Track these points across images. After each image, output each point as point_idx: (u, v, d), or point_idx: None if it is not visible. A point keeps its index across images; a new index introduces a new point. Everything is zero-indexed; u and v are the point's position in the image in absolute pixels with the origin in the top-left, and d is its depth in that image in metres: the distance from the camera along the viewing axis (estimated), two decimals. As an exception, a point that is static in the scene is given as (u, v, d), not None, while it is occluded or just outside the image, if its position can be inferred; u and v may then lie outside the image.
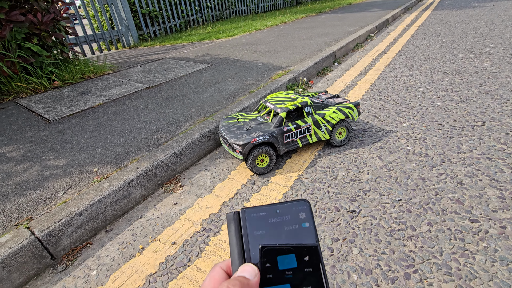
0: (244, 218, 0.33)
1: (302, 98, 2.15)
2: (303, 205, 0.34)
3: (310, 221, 0.33)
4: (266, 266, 0.30)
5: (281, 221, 0.33)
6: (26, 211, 1.69)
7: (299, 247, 0.31)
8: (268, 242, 0.32)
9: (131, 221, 1.78)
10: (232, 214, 0.34)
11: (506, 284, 1.13)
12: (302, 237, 0.32)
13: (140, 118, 2.76)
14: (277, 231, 0.32)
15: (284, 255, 0.30)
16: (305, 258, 0.30)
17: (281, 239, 0.32)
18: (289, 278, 0.30)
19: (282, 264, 0.30)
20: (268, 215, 0.33)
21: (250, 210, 0.34)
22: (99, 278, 1.42)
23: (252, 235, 0.32)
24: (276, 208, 0.34)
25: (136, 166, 1.99)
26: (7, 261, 1.38)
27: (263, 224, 0.33)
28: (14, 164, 2.15)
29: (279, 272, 0.30)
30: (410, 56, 4.31)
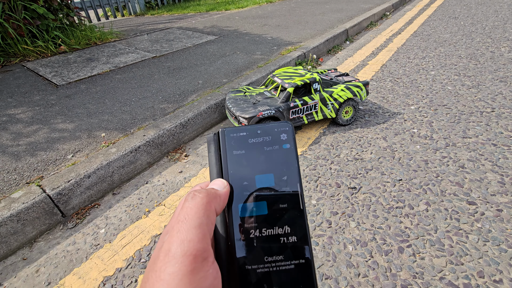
0: (223, 138, 0.32)
1: (311, 74, 2.12)
2: (285, 126, 0.32)
3: (292, 142, 0.32)
4: (243, 184, 0.30)
5: (262, 141, 0.32)
6: (37, 170, 1.75)
7: (279, 169, 0.30)
8: (247, 162, 0.31)
9: (138, 186, 1.84)
10: (212, 135, 0.33)
11: (495, 262, 1.18)
12: (282, 158, 0.31)
13: (146, 87, 2.75)
14: (257, 151, 0.31)
15: (262, 174, 0.30)
16: (283, 178, 0.30)
17: (261, 159, 0.31)
18: (266, 195, 0.30)
19: (260, 183, 0.30)
20: (249, 135, 0.32)
21: (230, 130, 0.33)
22: (107, 236, 1.50)
23: (231, 155, 0.31)
24: (258, 128, 0.32)
25: (142, 133, 2.02)
26: (20, 215, 1.46)
27: (243, 144, 0.32)
28: (24, 126, 2.20)
29: (257, 190, 0.30)
30: (425, 37, 4.16)
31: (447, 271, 1.17)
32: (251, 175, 0.30)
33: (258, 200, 0.30)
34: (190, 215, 0.24)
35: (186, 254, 0.22)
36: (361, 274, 1.20)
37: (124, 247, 1.43)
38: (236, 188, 0.30)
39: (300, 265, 0.28)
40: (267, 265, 0.28)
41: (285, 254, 0.28)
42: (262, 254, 0.28)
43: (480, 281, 1.12)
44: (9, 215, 1.42)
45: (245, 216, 0.29)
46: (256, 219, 0.29)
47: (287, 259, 0.28)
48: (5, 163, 1.81)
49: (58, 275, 1.33)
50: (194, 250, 0.22)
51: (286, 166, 0.31)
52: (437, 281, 1.14)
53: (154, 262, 0.23)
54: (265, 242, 0.28)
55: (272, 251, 0.28)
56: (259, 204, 0.29)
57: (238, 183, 0.30)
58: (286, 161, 0.31)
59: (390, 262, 1.23)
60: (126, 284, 1.25)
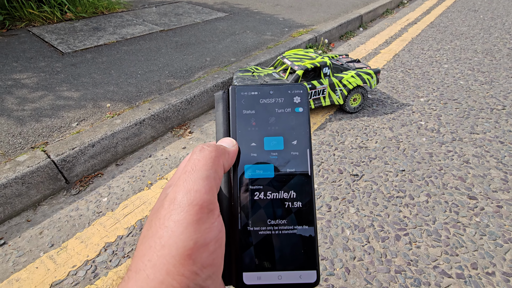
0: (233, 95, 0.31)
1: (322, 58, 2.08)
2: (299, 89, 0.31)
3: (305, 106, 0.30)
4: (251, 145, 0.29)
5: (274, 102, 0.30)
6: (41, 136, 1.75)
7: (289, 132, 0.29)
8: (257, 123, 0.30)
9: (141, 159, 1.85)
10: (221, 93, 0.31)
11: (489, 255, 1.20)
12: (293, 121, 0.30)
13: (153, 61, 2.70)
14: (268, 112, 0.30)
15: (271, 137, 0.29)
16: (293, 142, 0.29)
17: (271, 121, 0.30)
18: (274, 159, 0.29)
19: (269, 145, 0.29)
20: (260, 95, 0.30)
21: (241, 87, 0.31)
22: (110, 205, 1.53)
23: (240, 114, 0.30)
24: (270, 88, 0.31)
25: (148, 107, 2.01)
26: (25, 178, 1.48)
27: (253, 104, 0.30)
28: (29, 91, 2.18)
29: (264, 152, 0.29)
30: (441, 29, 4.03)
31: (442, 260, 1.19)
32: (260, 136, 0.29)
33: (265, 163, 0.29)
34: (198, 166, 0.23)
35: (192, 204, 0.21)
36: (357, 257, 1.22)
37: (126, 216, 1.45)
38: (243, 148, 0.29)
39: (303, 231, 0.28)
40: (269, 228, 0.28)
41: (288, 218, 0.28)
42: (265, 216, 0.28)
43: (473, 272, 1.14)
44: (14, 177, 1.44)
45: (250, 178, 0.28)
46: (261, 181, 0.28)
47: (291, 223, 0.28)
48: (10, 126, 1.81)
49: (61, 238, 1.36)
50: (201, 201, 0.22)
51: (297, 130, 0.30)
52: (431, 269, 1.16)
53: (157, 210, 0.23)
54: (269, 205, 0.28)
55: (275, 215, 0.28)
56: (266, 167, 0.29)
57: (245, 144, 0.29)
58: (297, 125, 0.30)
59: (386, 248, 1.25)
60: (127, 251, 1.28)
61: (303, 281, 0.27)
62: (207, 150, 0.25)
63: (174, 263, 0.20)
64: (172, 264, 0.20)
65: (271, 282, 0.27)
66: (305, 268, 0.27)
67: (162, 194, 0.24)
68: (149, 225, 0.23)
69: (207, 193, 0.22)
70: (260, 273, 0.27)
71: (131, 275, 0.21)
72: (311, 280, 0.27)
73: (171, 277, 0.19)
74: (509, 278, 1.11)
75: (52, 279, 1.19)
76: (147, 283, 0.19)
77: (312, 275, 0.27)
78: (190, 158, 0.25)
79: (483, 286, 1.09)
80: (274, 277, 0.27)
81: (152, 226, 0.22)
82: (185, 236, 0.20)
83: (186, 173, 0.23)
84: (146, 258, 0.20)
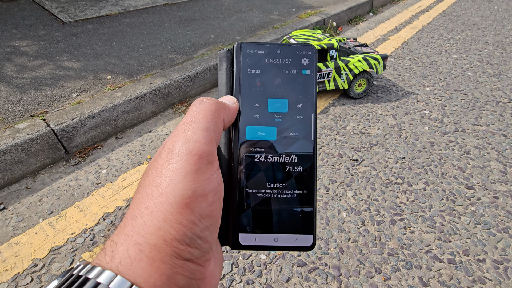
0: (239, 53, 0.29)
1: (329, 40, 2.02)
2: (308, 50, 0.29)
3: (312, 69, 0.29)
4: (254, 106, 0.28)
5: (280, 63, 0.29)
6: (41, 105, 1.73)
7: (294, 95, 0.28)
8: (262, 83, 0.28)
9: (141, 133, 1.84)
10: (226, 51, 0.30)
11: (482, 243, 1.22)
12: (299, 84, 0.29)
13: (156, 35, 2.64)
14: (274, 73, 0.29)
15: (276, 98, 0.28)
16: (298, 106, 0.28)
17: (277, 82, 0.29)
18: (277, 121, 0.28)
19: (273, 107, 0.28)
20: (267, 54, 0.29)
21: (247, 45, 0.29)
22: (109, 177, 1.53)
23: (245, 73, 0.29)
24: (278, 48, 0.29)
25: (149, 81, 1.98)
26: (24, 146, 1.47)
27: (259, 63, 0.29)
28: (28, 59, 2.14)
29: (268, 114, 0.28)
30: (453, 18, 3.91)
31: (434, 246, 1.21)
32: (264, 97, 0.28)
33: (268, 125, 0.28)
34: (197, 118, 0.23)
35: (191, 153, 0.21)
36: (351, 239, 1.24)
37: (124, 188, 1.46)
38: (246, 109, 0.28)
39: (303, 196, 0.27)
40: (268, 191, 0.27)
41: (288, 182, 0.27)
42: (265, 179, 0.27)
43: (464, 258, 1.17)
44: (13, 144, 1.43)
45: (252, 139, 0.27)
46: (263, 143, 0.27)
47: (290, 188, 0.27)
48: (10, 93, 1.79)
49: (60, 206, 1.37)
50: (200, 151, 0.21)
51: (303, 93, 0.28)
52: (423, 254, 1.18)
53: (155, 160, 0.22)
54: (269, 168, 0.27)
55: (275, 178, 0.27)
56: (268, 129, 0.28)
57: (249, 104, 0.28)
58: (303, 87, 0.28)
59: (380, 232, 1.27)
60: (125, 222, 1.30)
61: (299, 244, 0.27)
62: (207, 103, 0.24)
63: (172, 211, 0.19)
64: (170, 212, 0.19)
65: (267, 244, 0.27)
66: (301, 232, 0.27)
67: (160, 147, 0.23)
68: (146, 175, 0.22)
69: (207, 144, 0.21)
70: (256, 234, 0.27)
71: (127, 222, 0.20)
72: (307, 244, 0.27)
73: (168, 224, 0.19)
74: (499, 266, 1.13)
75: (51, 244, 1.21)
76: (143, 229, 0.19)
77: (308, 239, 0.27)
78: (189, 110, 0.24)
79: (473, 271, 1.12)
80: (270, 239, 0.27)
81: (149, 175, 0.21)
82: (183, 185, 0.20)
83: (185, 124, 0.22)
84: (143, 206, 0.20)
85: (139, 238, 0.19)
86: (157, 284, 0.18)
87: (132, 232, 0.19)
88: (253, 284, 1.08)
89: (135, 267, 0.18)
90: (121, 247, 0.19)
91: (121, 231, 0.20)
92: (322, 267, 1.14)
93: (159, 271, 0.18)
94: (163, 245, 0.19)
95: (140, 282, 0.18)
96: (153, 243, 0.19)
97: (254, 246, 0.27)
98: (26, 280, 1.09)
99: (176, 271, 0.19)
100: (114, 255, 0.19)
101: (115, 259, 0.18)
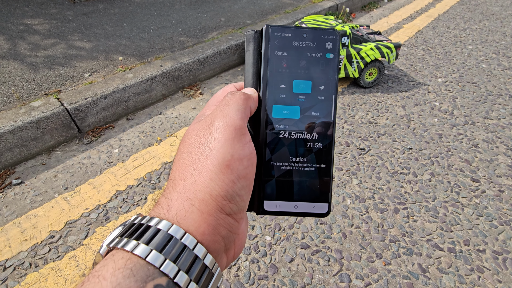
0: (267, 35, 0.31)
1: (342, 26, 1.99)
2: (332, 34, 0.31)
3: (336, 52, 0.31)
4: (281, 86, 0.30)
5: (306, 46, 0.31)
6: (55, 83, 1.76)
7: (317, 77, 0.30)
8: (288, 65, 0.30)
9: (151, 115, 1.87)
10: (253, 32, 0.32)
11: (483, 234, 1.24)
12: (323, 66, 0.31)
13: (166, 17, 2.62)
14: (299, 55, 0.31)
15: (300, 80, 0.30)
16: (320, 87, 0.30)
17: (302, 64, 0.31)
18: (301, 101, 0.30)
19: (297, 88, 0.30)
20: (294, 38, 0.31)
21: (275, 27, 0.31)
22: (120, 156, 1.58)
23: (272, 54, 0.30)
24: (304, 32, 0.31)
25: (160, 64, 1.98)
26: (40, 123, 1.52)
27: (286, 46, 0.30)
28: (41, 38, 2.16)
29: (293, 94, 0.30)
30: (471, 7, 3.77)
31: (436, 235, 1.24)
32: (290, 79, 0.30)
33: (292, 105, 0.30)
34: (231, 102, 0.26)
35: (228, 125, 0.25)
36: (354, 225, 1.28)
37: (136, 168, 1.51)
38: (273, 89, 0.30)
39: (321, 169, 0.30)
40: (290, 164, 0.30)
41: (309, 157, 0.30)
42: (288, 154, 0.30)
43: (464, 247, 1.19)
44: (29, 121, 1.48)
45: (277, 117, 0.30)
46: (287, 121, 0.30)
47: (310, 162, 0.30)
48: (24, 72, 1.82)
49: (74, 183, 1.43)
50: (235, 124, 0.25)
51: (326, 75, 0.31)
52: (424, 242, 1.21)
53: (195, 133, 0.26)
54: (292, 143, 0.30)
55: (297, 153, 0.30)
56: (293, 108, 0.30)
57: (275, 85, 0.30)
58: (326, 70, 0.31)
59: (383, 219, 1.30)
60: (136, 200, 1.35)
61: (315, 211, 0.30)
62: (238, 93, 0.28)
63: (216, 171, 0.23)
64: (215, 172, 0.23)
65: (288, 210, 0.30)
66: (318, 201, 0.30)
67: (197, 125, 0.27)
68: (187, 144, 0.25)
69: (240, 120, 0.25)
70: (279, 202, 0.30)
71: (177, 182, 0.24)
72: (323, 211, 0.30)
73: (214, 182, 0.23)
74: (498, 256, 1.16)
75: (67, 218, 1.27)
76: (193, 186, 0.23)
77: (324, 207, 0.30)
78: (223, 98, 0.28)
79: (472, 260, 1.15)
80: (291, 206, 0.30)
81: (191, 143, 0.25)
82: (224, 150, 0.23)
83: (221, 105, 0.26)
84: (191, 168, 0.24)
85: (190, 194, 0.22)
86: (205, 232, 0.22)
87: (184, 189, 0.23)
88: (258, 263, 1.13)
89: (188, 218, 0.22)
90: (175, 202, 0.23)
91: (172, 190, 0.24)
92: (325, 250, 1.18)
93: (206, 222, 0.22)
94: (209, 200, 0.22)
95: (192, 230, 0.22)
96: (201, 198, 0.22)
97: (276, 211, 0.30)
98: (44, 250, 1.16)
99: (219, 223, 0.23)
100: (170, 208, 0.22)
101: (171, 211, 0.22)
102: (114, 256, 0.20)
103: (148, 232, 0.21)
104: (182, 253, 0.20)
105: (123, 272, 0.18)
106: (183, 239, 0.21)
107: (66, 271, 1.09)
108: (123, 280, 0.18)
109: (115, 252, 0.20)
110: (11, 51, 1.97)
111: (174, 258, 0.20)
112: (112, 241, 0.21)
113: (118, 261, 0.19)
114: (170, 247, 0.20)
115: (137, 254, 0.19)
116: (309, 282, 1.08)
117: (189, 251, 0.21)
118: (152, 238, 0.20)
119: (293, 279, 1.08)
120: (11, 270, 1.09)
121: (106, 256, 0.20)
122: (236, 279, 1.08)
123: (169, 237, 0.20)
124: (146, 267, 0.19)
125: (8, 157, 1.47)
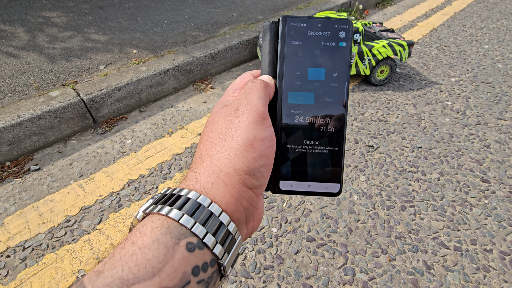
0: (284, 24, 0.32)
1: (355, 23, 1.98)
2: (345, 24, 0.33)
3: (348, 41, 0.32)
4: (296, 74, 0.32)
5: (320, 35, 0.32)
6: (71, 75, 1.82)
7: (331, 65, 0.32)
8: (303, 53, 0.32)
9: (163, 108, 1.91)
10: (270, 23, 0.33)
11: (491, 234, 1.24)
12: (336, 55, 0.32)
13: (179, 11, 2.65)
14: (314, 44, 0.32)
15: (315, 68, 0.32)
16: (333, 74, 0.32)
17: (316, 52, 0.32)
18: (315, 88, 0.32)
19: (312, 75, 0.32)
20: (309, 27, 0.32)
21: (292, 18, 0.33)
22: (133, 147, 1.63)
23: (289, 43, 0.32)
24: (318, 22, 0.33)
25: (172, 57, 2.02)
26: (57, 113, 1.58)
27: (301, 35, 0.32)
28: (58, 30, 2.22)
29: (307, 82, 0.32)
30: (489, 6, 3.68)
31: (442, 233, 1.24)
32: (305, 67, 0.32)
33: (307, 91, 0.32)
34: (253, 90, 0.29)
35: (251, 110, 0.27)
36: (360, 220, 1.29)
37: (148, 158, 1.55)
38: (289, 76, 0.32)
39: (333, 152, 0.32)
40: (305, 147, 0.32)
41: (322, 140, 0.32)
42: (302, 137, 0.32)
43: (471, 247, 1.19)
44: (47, 110, 1.54)
45: (293, 103, 0.32)
46: (302, 107, 0.32)
47: (323, 145, 0.32)
48: (43, 63, 1.88)
49: (89, 170, 1.48)
50: (258, 110, 0.28)
51: (339, 63, 0.32)
52: (430, 240, 1.22)
53: (222, 116, 0.28)
54: (306, 128, 0.32)
55: (311, 136, 0.32)
56: (307, 95, 0.32)
57: (291, 72, 0.32)
58: (339, 58, 0.32)
59: (390, 216, 1.30)
60: (148, 188, 1.40)
61: (328, 191, 0.33)
62: (258, 81, 0.30)
63: (241, 149, 0.26)
64: (239, 150, 0.26)
65: (302, 189, 0.32)
66: (331, 181, 0.32)
67: (223, 109, 0.29)
68: (214, 125, 0.29)
69: (262, 106, 0.28)
70: (293, 182, 0.32)
71: (204, 158, 0.27)
72: (334, 191, 0.33)
73: (238, 158, 0.26)
74: (505, 257, 1.16)
75: (82, 204, 1.32)
76: (219, 161, 0.26)
77: (336, 187, 0.32)
78: (245, 86, 0.30)
79: (478, 260, 1.15)
80: (304, 186, 0.32)
81: (218, 125, 0.28)
82: (248, 131, 0.26)
83: (245, 93, 0.29)
84: (218, 146, 0.27)
85: (216, 169, 0.25)
86: (229, 202, 0.25)
87: (211, 164, 0.26)
88: (264, 253, 1.16)
89: (214, 189, 0.25)
90: (203, 176, 0.26)
91: (200, 165, 0.27)
92: (330, 244, 1.20)
93: (230, 193, 0.25)
94: (233, 174, 0.25)
95: (217, 200, 0.24)
96: (226, 172, 0.25)
97: (291, 191, 0.32)
98: (60, 233, 1.21)
99: (241, 195, 0.25)
100: (198, 180, 0.25)
101: (199, 183, 0.25)
102: (152, 218, 0.22)
103: (179, 201, 0.23)
104: (209, 218, 0.23)
105: (161, 230, 0.21)
106: (210, 207, 0.24)
107: (81, 253, 1.14)
108: (160, 236, 0.21)
109: (151, 215, 0.23)
110: (30, 43, 2.04)
111: (203, 222, 0.23)
112: (147, 208, 0.24)
113: (155, 221, 0.22)
114: (199, 213, 0.23)
115: (171, 217, 0.22)
116: (313, 274, 1.10)
117: (215, 218, 0.23)
118: (183, 205, 0.23)
119: (298, 270, 1.11)
120: (29, 251, 1.15)
121: (145, 219, 0.23)
122: (242, 268, 1.11)
123: (197, 204, 0.23)
124: (179, 227, 0.22)
125: (27, 144, 1.53)
